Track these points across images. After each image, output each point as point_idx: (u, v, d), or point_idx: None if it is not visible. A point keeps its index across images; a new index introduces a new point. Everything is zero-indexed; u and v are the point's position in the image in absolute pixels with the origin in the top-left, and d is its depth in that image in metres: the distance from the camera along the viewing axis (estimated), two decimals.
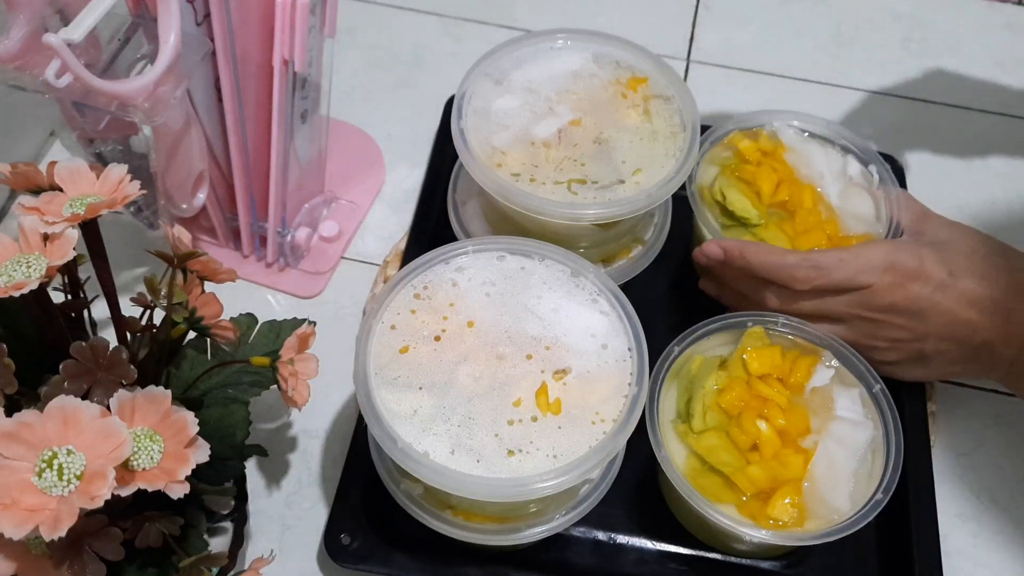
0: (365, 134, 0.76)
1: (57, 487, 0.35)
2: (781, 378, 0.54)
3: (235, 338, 0.47)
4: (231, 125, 0.58)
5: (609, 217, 0.55)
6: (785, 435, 0.52)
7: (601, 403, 0.47)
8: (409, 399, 0.47)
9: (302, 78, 0.58)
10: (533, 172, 0.57)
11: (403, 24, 0.85)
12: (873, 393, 0.54)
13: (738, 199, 0.61)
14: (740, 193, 0.61)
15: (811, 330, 0.56)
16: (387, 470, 0.51)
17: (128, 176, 0.43)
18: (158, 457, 0.38)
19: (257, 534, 0.57)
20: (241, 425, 0.49)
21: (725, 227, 0.61)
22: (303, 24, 0.53)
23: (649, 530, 0.57)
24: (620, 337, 0.49)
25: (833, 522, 0.50)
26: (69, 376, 0.39)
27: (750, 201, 0.61)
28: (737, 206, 0.61)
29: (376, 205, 0.72)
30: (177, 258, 0.45)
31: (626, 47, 0.62)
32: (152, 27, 0.52)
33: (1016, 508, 0.61)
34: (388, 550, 0.54)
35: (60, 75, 0.48)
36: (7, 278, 0.38)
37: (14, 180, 0.43)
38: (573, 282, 0.52)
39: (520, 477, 0.44)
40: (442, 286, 0.51)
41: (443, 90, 0.75)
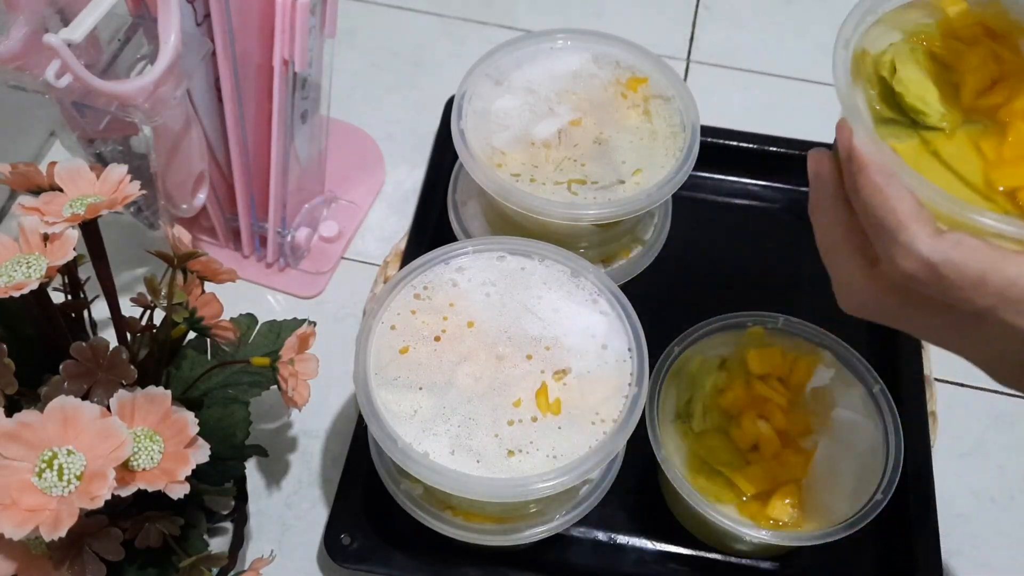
0: (365, 134, 0.76)
1: (57, 487, 0.35)
2: (781, 378, 0.54)
3: (235, 338, 0.47)
4: (231, 125, 0.58)
5: (609, 217, 0.55)
6: (785, 435, 0.52)
7: (601, 403, 0.47)
8: (409, 399, 0.47)
9: (302, 78, 0.58)
10: (533, 172, 0.57)
11: (403, 24, 0.85)
12: (873, 393, 0.54)
13: (915, 77, 0.40)
14: (923, 72, 0.40)
15: (811, 330, 0.56)
16: (387, 470, 0.51)
17: (128, 176, 0.43)
18: (158, 457, 0.38)
19: (257, 534, 0.57)
20: (241, 425, 0.49)
21: (882, 121, 0.40)
22: (303, 24, 0.53)
23: (649, 530, 0.57)
24: (620, 337, 0.49)
25: (833, 522, 0.50)
26: (69, 376, 0.39)
27: (936, 89, 0.40)
28: (911, 88, 0.40)
29: (376, 205, 0.72)
30: (177, 258, 0.45)
31: (626, 47, 0.62)
32: (152, 27, 0.52)
33: (1016, 508, 0.61)
34: (388, 550, 0.54)
35: (60, 75, 0.48)
36: (7, 278, 0.38)
37: (14, 180, 0.43)
38: (573, 282, 0.52)
39: (520, 477, 0.44)
40: (442, 286, 0.51)
41: (443, 90, 0.75)
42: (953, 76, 0.40)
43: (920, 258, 0.34)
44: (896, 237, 0.35)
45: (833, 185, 0.39)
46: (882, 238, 0.36)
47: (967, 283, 0.34)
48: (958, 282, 0.34)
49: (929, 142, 0.39)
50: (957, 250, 0.34)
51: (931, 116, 0.39)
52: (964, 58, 0.41)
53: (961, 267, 0.34)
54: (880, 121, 0.40)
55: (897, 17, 0.43)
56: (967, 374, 0.66)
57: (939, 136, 0.39)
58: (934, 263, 0.34)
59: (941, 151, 0.39)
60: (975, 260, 0.34)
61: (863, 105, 0.40)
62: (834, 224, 0.39)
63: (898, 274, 0.36)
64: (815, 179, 0.40)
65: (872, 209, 0.36)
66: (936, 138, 0.39)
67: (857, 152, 0.36)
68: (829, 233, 0.39)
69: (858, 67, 0.41)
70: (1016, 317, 0.34)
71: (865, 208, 0.36)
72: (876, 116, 0.40)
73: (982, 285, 0.34)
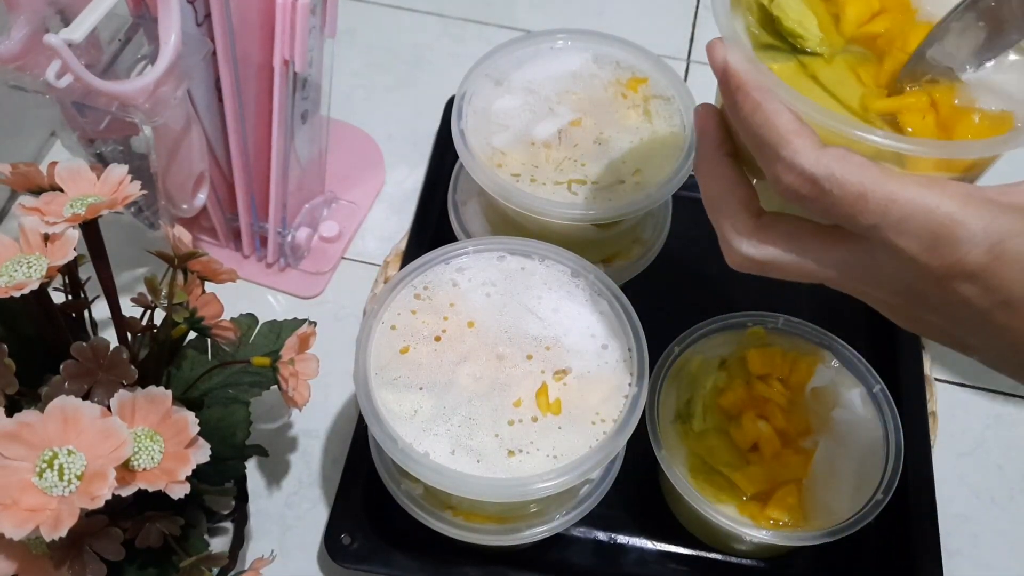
0: (365, 134, 0.76)
1: (58, 487, 0.35)
2: (781, 378, 0.54)
3: (236, 338, 0.47)
4: (231, 125, 0.58)
5: (609, 217, 0.55)
6: (785, 435, 0.52)
7: (601, 403, 0.47)
8: (409, 399, 0.47)
9: (302, 78, 0.58)
10: (533, 172, 0.57)
11: (403, 24, 0.85)
12: (873, 393, 0.54)
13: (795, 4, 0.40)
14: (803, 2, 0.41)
15: (811, 330, 0.56)
16: (387, 470, 0.51)
17: (128, 176, 0.43)
18: (158, 457, 0.38)
19: (257, 534, 0.57)
20: (241, 425, 0.49)
21: (760, 47, 0.40)
22: (303, 24, 0.53)
23: (649, 530, 0.57)
24: (620, 337, 0.49)
25: (833, 522, 0.50)
26: (70, 376, 0.39)
27: (816, 18, 0.40)
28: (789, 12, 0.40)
29: (376, 205, 0.73)
30: (178, 258, 0.45)
31: (626, 47, 0.62)
32: (153, 28, 0.52)
33: (1016, 508, 0.61)
34: (388, 550, 0.54)
35: (61, 75, 0.48)
36: (8, 278, 0.38)
37: (15, 180, 0.43)
38: (573, 282, 0.52)
39: (520, 477, 0.45)
40: (442, 286, 0.51)
41: (443, 90, 0.75)
42: (833, 8, 0.40)
43: (803, 172, 0.33)
44: (778, 152, 0.34)
45: (719, 138, 0.39)
46: (764, 155, 0.35)
47: (848, 199, 0.33)
48: (840, 197, 0.33)
49: (807, 66, 0.39)
50: (839, 164, 0.33)
51: (809, 40, 0.39)
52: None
53: (843, 182, 0.33)
54: (759, 47, 0.39)
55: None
56: (967, 374, 0.66)
57: (817, 61, 0.39)
58: (816, 177, 0.33)
59: (819, 75, 0.39)
60: (857, 175, 0.33)
61: (742, 31, 0.39)
62: (719, 177, 0.38)
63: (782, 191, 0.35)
64: (701, 134, 0.39)
65: (752, 128, 0.35)
66: (814, 62, 0.39)
67: (732, 70, 0.35)
68: (714, 186, 0.38)
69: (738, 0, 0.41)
70: (897, 236, 0.33)
71: (745, 127, 0.35)
72: (755, 42, 0.40)
73: (863, 201, 0.33)
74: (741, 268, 0.38)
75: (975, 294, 0.33)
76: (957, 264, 0.32)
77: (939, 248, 0.32)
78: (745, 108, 0.35)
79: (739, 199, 0.37)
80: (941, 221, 0.32)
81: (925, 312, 0.36)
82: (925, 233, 0.32)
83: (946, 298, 0.34)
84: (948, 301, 0.34)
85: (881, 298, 0.36)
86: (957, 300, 0.33)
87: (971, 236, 0.32)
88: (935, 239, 0.32)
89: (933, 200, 0.32)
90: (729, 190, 0.38)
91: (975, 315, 0.34)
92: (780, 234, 0.36)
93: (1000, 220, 0.32)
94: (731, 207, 0.38)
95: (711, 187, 0.39)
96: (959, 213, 0.32)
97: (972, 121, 0.38)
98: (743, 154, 0.39)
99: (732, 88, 0.36)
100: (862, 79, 0.39)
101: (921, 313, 0.36)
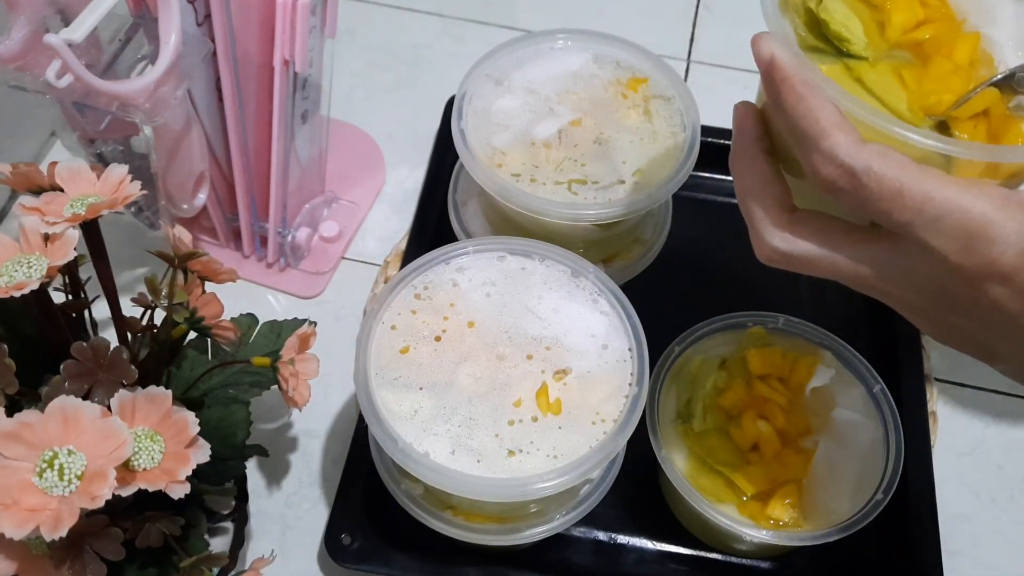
0: (365, 134, 0.76)
1: (58, 487, 0.35)
2: (781, 378, 0.54)
3: (236, 338, 0.47)
4: (231, 125, 0.58)
5: (609, 217, 0.55)
6: (785, 435, 0.52)
7: (601, 403, 0.47)
8: (409, 399, 0.47)
9: (302, 78, 0.58)
10: (533, 172, 0.57)
11: (403, 24, 0.85)
12: (873, 393, 0.54)
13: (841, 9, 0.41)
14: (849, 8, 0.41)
15: (811, 330, 0.56)
16: (387, 470, 0.51)
17: (129, 176, 0.43)
18: (159, 457, 0.38)
19: (258, 534, 0.57)
20: (242, 425, 0.49)
21: (807, 48, 0.41)
22: (304, 24, 0.53)
23: (649, 530, 0.57)
24: (620, 337, 0.49)
25: (833, 522, 0.50)
26: (70, 376, 0.39)
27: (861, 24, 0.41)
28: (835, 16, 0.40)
29: (376, 205, 0.73)
30: (178, 258, 0.45)
31: (626, 47, 0.62)
32: (153, 27, 0.52)
33: (1016, 508, 0.61)
34: (388, 550, 0.54)
35: (61, 75, 0.48)
36: (8, 278, 0.38)
37: (15, 180, 0.43)
38: (573, 282, 0.52)
39: (520, 477, 0.45)
40: (442, 286, 0.51)
41: (443, 90, 0.75)
42: (879, 15, 0.41)
43: (842, 164, 0.34)
44: (818, 144, 0.34)
45: (757, 134, 0.39)
46: (804, 146, 0.35)
47: (885, 194, 0.33)
48: (876, 192, 0.33)
49: (852, 69, 0.40)
50: (878, 160, 0.33)
51: (855, 44, 0.40)
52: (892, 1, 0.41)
53: (881, 177, 0.33)
54: (805, 48, 0.40)
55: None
56: (967, 374, 0.66)
57: (863, 64, 0.40)
58: (855, 170, 0.34)
59: (864, 78, 0.39)
60: (895, 172, 0.33)
61: (790, 32, 0.40)
62: (755, 172, 0.39)
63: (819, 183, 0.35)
64: (739, 130, 0.40)
65: (795, 120, 0.35)
66: (859, 66, 0.40)
67: (779, 63, 0.36)
68: (749, 181, 0.39)
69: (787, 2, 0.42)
70: (931, 235, 0.33)
71: (788, 118, 0.36)
72: (801, 44, 0.40)
73: (899, 197, 0.33)
74: (770, 262, 0.38)
75: (1007, 296, 0.33)
76: (990, 265, 0.32)
77: (972, 248, 0.32)
78: (790, 100, 0.35)
79: (773, 194, 0.38)
80: (976, 220, 0.32)
81: (956, 316, 0.35)
82: (959, 232, 0.32)
83: (977, 300, 0.33)
84: (979, 303, 0.34)
85: (912, 301, 0.36)
86: (988, 302, 0.33)
87: (1005, 236, 0.32)
88: (969, 238, 0.32)
89: (969, 200, 0.32)
90: (764, 184, 0.38)
91: (1006, 319, 0.33)
92: (813, 230, 0.37)
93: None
94: (765, 201, 0.38)
95: (746, 181, 0.39)
96: (995, 213, 0.32)
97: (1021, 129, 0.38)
98: (780, 152, 0.40)
99: (777, 80, 0.36)
100: (907, 83, 0.39)
101: (951, 317, 0.36)
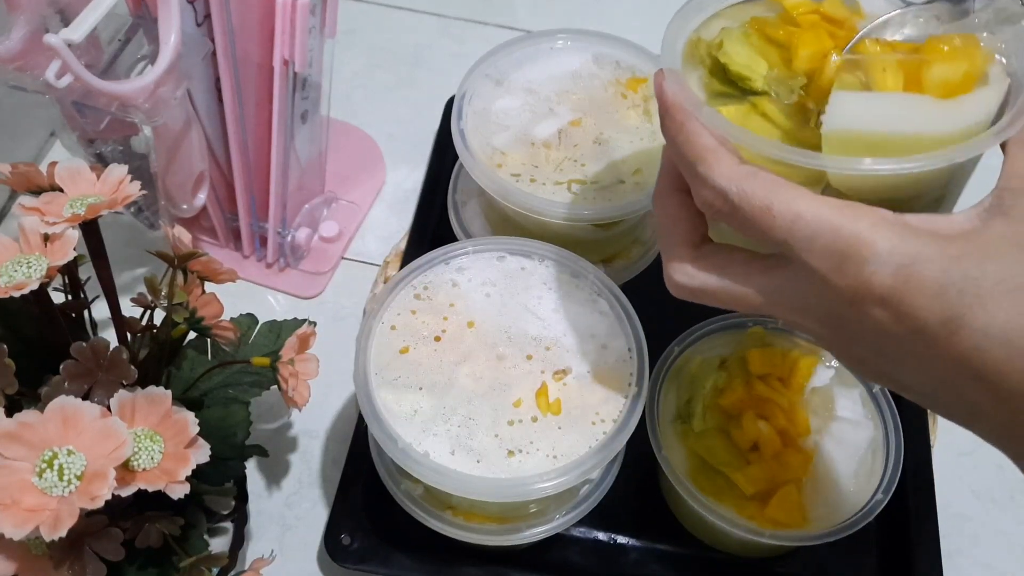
0: (365, 134, 0.76)
1: (57, 487, 0.35)
2: (781, 378, 0.54)
3: (235, 338, 0.47)
4: (231, 125, 0.58)
5: (609, 217, 0.55)
6: (785, 435, 0.52)
7: (601, 403, 0.47)
8: (409, 399, 0.47)
9: (302, 78, 0.58)
10: (533, 172, 0.57)
11: (403, 24, 0.85)
12: (873, 393, 0.54)
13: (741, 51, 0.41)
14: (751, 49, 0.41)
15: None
16: (387, 470, 0.51)
17: (128, 176, 0.43)
18: (158, 457, 0.38)
19: (257, 534, 0.57)
20: (241, 425, 0.49)
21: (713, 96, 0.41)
22: (303, 24, 0.53)
23: (649, 530, 0.57)
24: (620, 337, 0.49)
25: (833, 522, 0.50)
26: (69, 376, 0.39)
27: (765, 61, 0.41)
28: (735, 58, 0.41)
29: (376, 205, 0.73)
30: (177, 258, 0.45)
31: (626, 47, 0.62)
32: (152, 28, 0.52)
33: (1016, 508, 0.61)
34: (388, 550, 0.54)
35: (60, 75, 0.48)
36: (8, 278, 0.38)
37: (14, 181, 0.43)
38: (573, 282, 0.52)
39: (520, 477, 0.45)
40: (442, 286, 0.51)
41: (443, 90, 0.75)
42: (787, 52, 0.41)
43: (715, 187, 0.35)
44: (696, 169, 0.35)
45: (674, 173, 0.39)
46: (687, 173, 0.36)
47: (756, 213, 0.33)
48: (749, 212, 0.33)
49: (757, 105, 0.40)
50: (748, 181, 0.34)
51: (755, 81, 0.40)
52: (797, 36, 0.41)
53: (751, 197, 0.33)
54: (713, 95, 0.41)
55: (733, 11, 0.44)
56: None
57: (766, 99, 0.40)
58: (726, 192, 0.34)
59: (769, 112, 0.40)
60: (764, 191, 0.33)
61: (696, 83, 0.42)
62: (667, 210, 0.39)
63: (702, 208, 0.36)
64: (660, 170, 0.40)
65: (677, 147, 0.36)
66: (763, 101, 0.40)
67: (665, 94, 0.37)
68: (663, 220, 0.40)
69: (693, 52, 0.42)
70: (806, 255, 0.32)
71: (672, 147, 0.37)
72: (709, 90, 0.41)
73: (768, 216, 0.33)
74: (678, 295, 0.39)
75: (888, 320, 0.32)
76: (864, 285, 0.31)
77: (845, 268, 0.31)
78: (671, 129, 0.37)
79: (681, 231, 0.38)
80: (847, 240, 0.31)
81: (851, 343, 0.35)
82: (832, 251, 0.32)
83: (862, 323, 0.33)
84: (865, 327, 0.33)
85: (815, 330, 0.36)
86: (872, 326, 0.32)
87: (876, 255, 0.31)
88: (842, 258, 0.31)
89: (840, 219, 0.32)
90: (674, 223, 0.39)
91: (894, 344, 0.32)
92: (715, 263, 0.37)
93: (910, 243, 0.31)
94: (673, 237, 0.39)
95: (660, 220, 0.40)
96: (866, 232, 0.31)
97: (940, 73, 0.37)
98: None
99: (663, 110, 0.37)
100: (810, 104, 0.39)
101: (848, 344, 0.35)
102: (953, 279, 0.30)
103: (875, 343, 0.33)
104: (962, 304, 0.30)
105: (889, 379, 0.35)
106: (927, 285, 0.30)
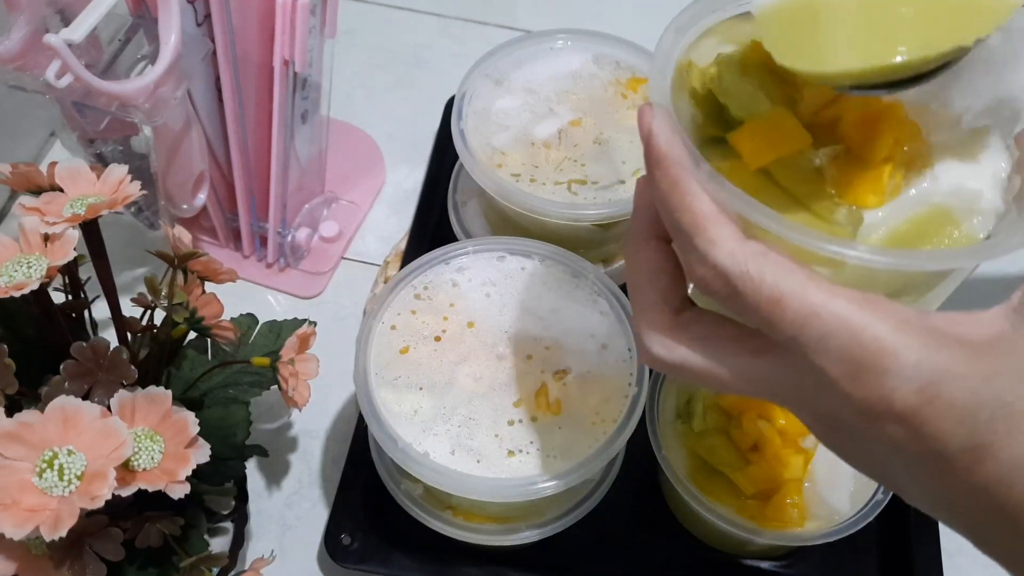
0: (365, 134, 0.76)
1: (58, 487, 0.35)
2: None
3: (236, 338, 0.47)
4: (231, 125, 0.58)
5: (609, 217, 0.55)
6: (785, 435, 0.52)
7: (601, 404, 0.47)
8: (409, 399, 0.47)
9: (302, 78, 0.58)
10: (533, 172, 0.57)
11: (403, 24, 0.85)
12: None
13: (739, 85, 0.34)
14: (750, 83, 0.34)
15: None
16: (387, 470, 0.51)
17: (128, 176, 0.43)
18: (158, 457, 0.38)
19: (257, 534, 0.57)
20: (241, 425, 0.49)
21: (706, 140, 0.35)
22: (303, 25, 0.53)
23: (649, 530, 0.57)
24: (620, 337, 0.49)
25: (833, 522, 0.50)
26: (70, 376, 0.39)
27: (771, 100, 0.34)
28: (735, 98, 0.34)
29: (376, 205, 0.72)
30: (178, 258, 0.45)
31: (626, 47, 0.62)
32: (152, 28, 0.52)
33: None
34: (388, 550, 0.54)
35: (60, 75, 0.48)
36: (8, 278, 0.38)
37: (15, 181, 0.43)
38: (573, 282, 0.52)
39: (520, 477, 0.45)
40: (442, 286, 0.51)
41: (443, 90, 0.75)
42: (791, 90, 0.34)
43: (715, 266, 0.29)
44: (692, 240, 0.29)
45: (649, 217, 0.33)
46: (679, 241, 0.31)
47: (763, 303, 0.28)
48: (754, 300, 0.28)
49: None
50: (756, 262, 0.28)
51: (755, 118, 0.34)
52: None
53: (758, 283, 0.28)
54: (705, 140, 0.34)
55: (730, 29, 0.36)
56: None
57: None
58: (729, 274, 0.28)
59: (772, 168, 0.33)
60: (774, 277, 0.28)
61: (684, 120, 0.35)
62: (642, 262, 0.33)
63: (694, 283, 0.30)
64: (634, 210, 0.34)
65: (668, 208, 0.30)
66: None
67: (654, 140, 0.30)
68: (636, 271, 0.34)
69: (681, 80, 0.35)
70: (817, 356, 0.27)
71: (662, 206, 0.31)
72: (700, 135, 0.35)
73: (779, 308, 0.28)
74: (652, 367, 0.34)
75: (903, 438, 0.27)
76: (882, 401, 0.27)
77: (862, 379, 0.27)
78: (663, 187, 0.30)
79: (659, 289, 0.33)
80: (867, 346, 0.27)
81: (850, 444, 0.31)
82: (848, 357, 0.27)
83: (871, 435, 0.28)
84: (874, 439, 0.28)
85: (807, 420, 0.32)
86: (884, 439, 0.28)
87: (900, 370, 0.26)
88: (859, 367, 0.27)
89: (861, 319, 0.27)
90: (650, 279, 0.33)
91: (905, 459, 0.28)
92: (697, 336, 0.32)
93: (937, 356, 0.26)
94: (649, 297, 0.33)
95: (632, 272, 0.34)
96: (889, 339, 0.27)
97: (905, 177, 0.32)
98: None
99: (652, 161, 0.31)
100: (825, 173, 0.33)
101: (845, 444, 0.31)
102: (984, 401, 0.26)
103: (882, 455, 0.29)
104: (991, 431, 0.26)
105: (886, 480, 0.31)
106: (955, 408, 0.26)
